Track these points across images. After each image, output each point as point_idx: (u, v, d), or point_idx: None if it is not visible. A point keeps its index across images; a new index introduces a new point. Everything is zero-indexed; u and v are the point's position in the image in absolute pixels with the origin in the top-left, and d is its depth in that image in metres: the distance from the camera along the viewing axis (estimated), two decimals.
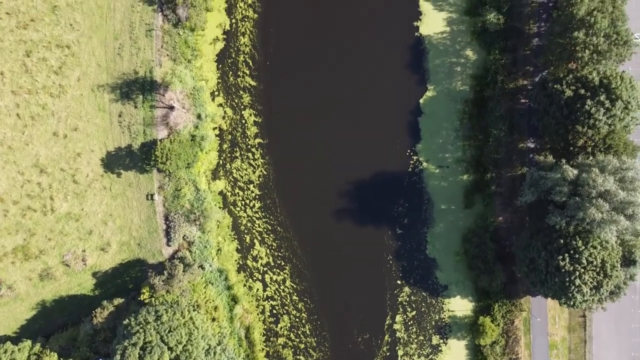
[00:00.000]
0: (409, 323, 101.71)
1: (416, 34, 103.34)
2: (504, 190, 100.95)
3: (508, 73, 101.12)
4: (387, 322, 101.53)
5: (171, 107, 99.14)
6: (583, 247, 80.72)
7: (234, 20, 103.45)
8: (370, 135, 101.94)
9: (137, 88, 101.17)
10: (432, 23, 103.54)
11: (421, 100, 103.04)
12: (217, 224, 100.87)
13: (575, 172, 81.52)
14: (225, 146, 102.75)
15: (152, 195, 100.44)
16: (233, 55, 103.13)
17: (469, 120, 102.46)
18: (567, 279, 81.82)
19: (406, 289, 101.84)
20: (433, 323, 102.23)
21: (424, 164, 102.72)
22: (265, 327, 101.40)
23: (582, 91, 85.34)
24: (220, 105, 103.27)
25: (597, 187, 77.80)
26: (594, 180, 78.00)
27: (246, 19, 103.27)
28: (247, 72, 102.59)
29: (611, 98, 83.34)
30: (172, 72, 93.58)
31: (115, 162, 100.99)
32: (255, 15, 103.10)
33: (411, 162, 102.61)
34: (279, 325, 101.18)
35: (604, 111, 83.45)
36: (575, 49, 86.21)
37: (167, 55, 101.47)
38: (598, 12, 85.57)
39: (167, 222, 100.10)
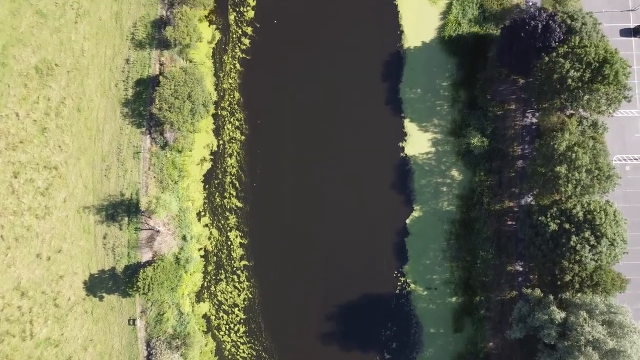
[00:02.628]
0: None
1: (401, 154, 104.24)
2: (494, 315, 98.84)
3: (494, 194, 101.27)
4: None
5: (156, 231, 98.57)
6: None
7: (221, 142, 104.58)
8: (357, 257, 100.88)
9: (123, 210, 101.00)
10: (417, 144, 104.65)
11: (408, 221, 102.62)
12: (200, 350, 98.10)
13: (563, 314, 79.91)
14: (210, 268, 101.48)
15: (134, 320, 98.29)
16: (220, 176, 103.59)
17: (456, 241, 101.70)
18: None
19: None
20: None
21: (412, 285, 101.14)
22: None
23: (567, 225, 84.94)
24: (206, 226, 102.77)
25: (585, 334, 75.99)
26: (582, 326, 76.28)
27: (233, 141, 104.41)
28: (234, 193, 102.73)
29: (596, 235, 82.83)
30: (157, 200, 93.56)
31: (97, 285, 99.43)
32: (243, 137, 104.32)
33: (399, 283, 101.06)
34: None
35: (589, 248, 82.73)
36: (558, 182, 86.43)
37: (154, 177, 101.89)
38: (579, 147, 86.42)
39: (149, 349, 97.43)
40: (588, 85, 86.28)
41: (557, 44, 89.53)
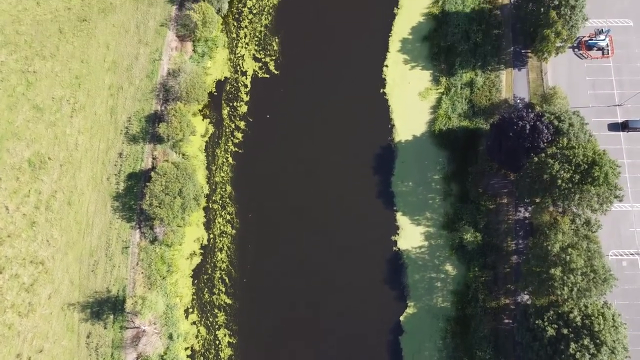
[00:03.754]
0: None
1: (394, 248, 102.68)
2: None
3: (489, 291, 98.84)
4: None
5: (142, 330, 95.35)
6: None
7: (211, 236, 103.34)
8: (350, 356, 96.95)
9: (109, 307, 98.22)
10: (410, 237, 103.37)
11: (402, 318, 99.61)
12: None
13: None
14: None
15: None
16: (209, 272, 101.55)
17: (452, 340, 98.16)
18: None
19: None
20: None
21: None
22: None
23: (565, 331, 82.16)
24: (194, 323, 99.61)
25: None
26: None
27: (224, 235, 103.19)
28: (223, 289, 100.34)
29: (596, 342, 79.88)
30: (142, 301, 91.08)
31: None
32: (233, 231, 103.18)
33: None
34: None
35: (589, 357, 79.55)
36: (553, 284, 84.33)
37: (142, 272, 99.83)
38: (573, 249, 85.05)
39: None
40: (579, 185, 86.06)
41: (545, 144, 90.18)
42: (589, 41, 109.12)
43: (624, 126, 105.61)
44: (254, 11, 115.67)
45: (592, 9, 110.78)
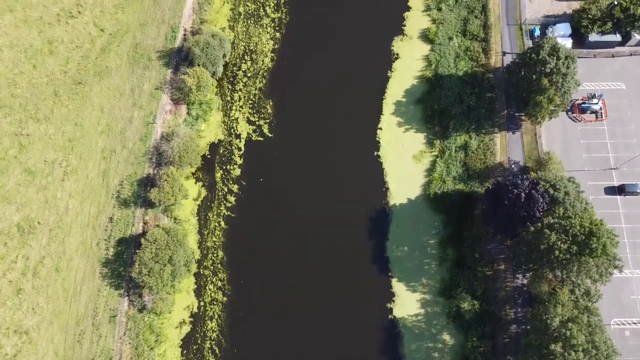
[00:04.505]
0: None
1: (390, 316, 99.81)
2: None
3: None
4: None
5: None
6: None
7: (202, 303, 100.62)
8: None
9: None
10: (406, 305, 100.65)
11: None
12: None
13: None
14: None
15: None
16: (199, 341, 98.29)
17: None
18: None
19: None
20: None
21: None
22: None
23: None
24: None
25: None
26: None
27: (215, 302, 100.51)
28: None
29: None
30: None
31: None
32: (225, 299, 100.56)
33: None
34: None
35: None
36: None
37: (129, 342, 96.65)
38: (573, 323, 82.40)
39: None
40: (577, 256, 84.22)
41: (541, 213, 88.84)
42: (582, 105, 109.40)
43: (620, 190, 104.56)
44: (249, 74, 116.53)
45: (585, 73, 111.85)
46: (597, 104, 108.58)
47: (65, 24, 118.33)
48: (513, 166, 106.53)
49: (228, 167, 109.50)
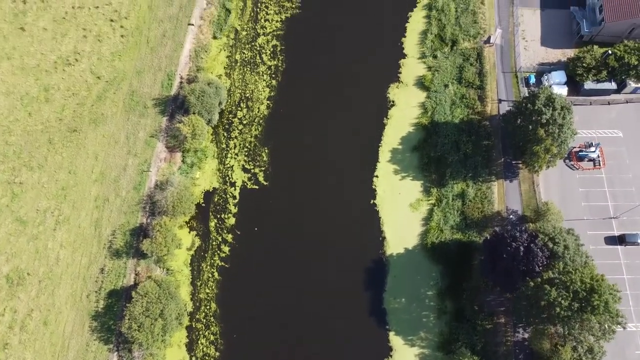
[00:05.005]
0: None
1: None
2: None
3: None
4: None
5: None
6: None
7: (194, 358, 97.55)
8: None
9: None
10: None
11: None
12: None
13: None
14: None
15: None
16: None
17: None
18: None
19: None
20: None
21: None
22: None
23: None
24: None
25: None
26: None
27: (207, 358, 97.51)
28: None
29: None
30: None
31: None
32: (217, 354, 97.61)
33: None
34: None
35: None
36: None
37: None
38: None
39: None
40: (578, 313, 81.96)
41: (540, 268, 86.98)
42: (580, 153, 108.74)
43: (621, 240, 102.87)
44: (244, 122, 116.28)
45: (581, 120, 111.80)
46: (594, 152, 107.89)
47: (62, 72, 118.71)
48: (511, 216, 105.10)
49: (222, 215, 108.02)
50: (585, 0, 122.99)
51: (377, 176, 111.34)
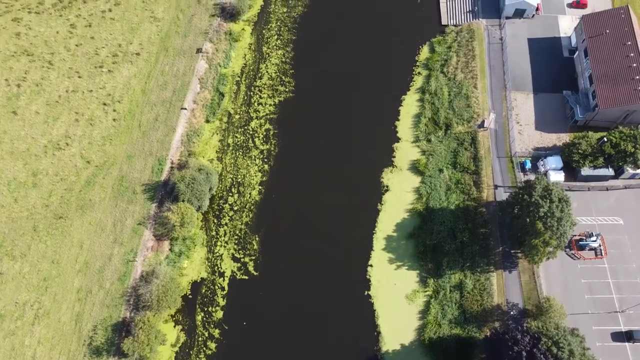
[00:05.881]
0: None
1: None
2: None
3: None
4: None
5: None
6: None
7: None
8: None
9: None
10: None
11: None
12: None
13: None
14: None
15: None
16: None
17: None
18: None
19: None
20: None
21: None
22: None
23: None
24: None
25: None
26: None
27: None
28: None
29: None
30: None
31: None
32: None
33: None
34: None
35: None
36: None
37: None
38: None
39: None
40: None
41: None
42: (580, 242, 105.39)
43: (628, 337, 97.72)
44: (235, 208, 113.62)
45: (579, 207, 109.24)
46: (595, 241, 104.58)
47: (52, 156, 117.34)
48: (512, 311, 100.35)
49: (210, 308, 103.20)
50: (577, 85, 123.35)
51: (371, 265, 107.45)
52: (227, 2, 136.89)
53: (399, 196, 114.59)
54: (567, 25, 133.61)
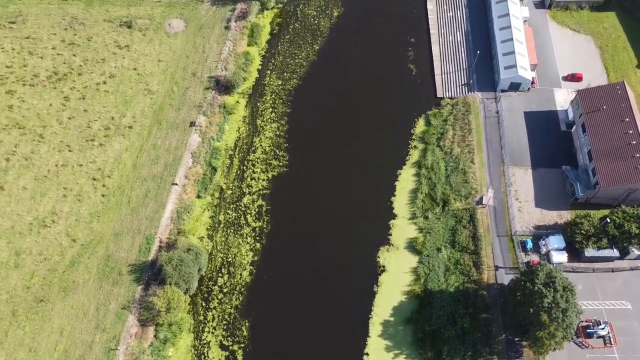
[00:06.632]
0: None
1: None
2: None
3: None
4: None
5: None
6: None
7: None
8: None
9: None
10: None
11: None
12: None
13: None
14: None
15: None
16: None
17: None
18: None
19: None
20: None
21: None
22: None
23: None
24: None
25: None
26: None
27: None
28: None
29: None
30: None
31: None
32: None
33: None
34: None
35: None
36: None
37: None
38: None
39: None
40: None
41: None
42: (588, 329, 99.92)
43: None
44: (225, 290, 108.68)
45: (585, 290, 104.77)
46: (604, 328, 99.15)
47: (37, 234, 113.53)
48: None
49: None
50: (576, 160, 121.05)
51: (367, 354, 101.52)
52: (222, 75, 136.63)
53: (396, 277, 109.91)
54: (563, 98, 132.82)
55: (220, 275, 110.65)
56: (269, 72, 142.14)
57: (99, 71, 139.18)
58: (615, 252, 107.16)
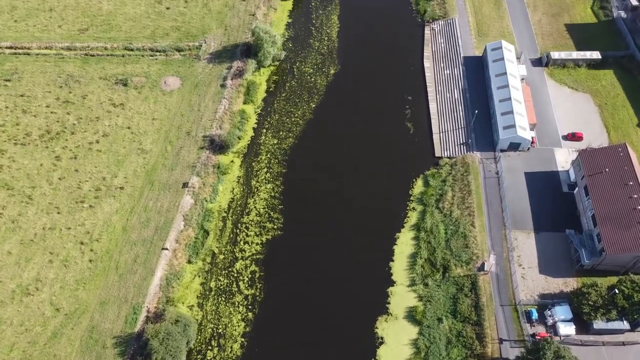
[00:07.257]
0: None
1: None
2: None
3: None
4: None
5: None
6: None
7: None
8: None
9: None
10: None
11: None
12: None
13: None
14: None
15: None
16: None
17: None
18: None
19: None
20: None
21: None
22: None
23: None
24: None
25: None
26: None
27: None
28: None
29: None
30: None
31: None
32: None
33: None
34: None
35: None
36: None
37: None
38: None
39: None
40: None
41: None
42: None
43: None
44: None
45: None
46: None
47: (19, 303, 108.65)
48: None
49: None
50: (580, 223, 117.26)
51: None
52: (217, 134, 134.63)
53: (395, 350, 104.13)
54: (563, 158, 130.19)
55: (209, 348, 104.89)
56: (264, 130, 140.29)
57: (92, 130, 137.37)
58: (625, 325, 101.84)
